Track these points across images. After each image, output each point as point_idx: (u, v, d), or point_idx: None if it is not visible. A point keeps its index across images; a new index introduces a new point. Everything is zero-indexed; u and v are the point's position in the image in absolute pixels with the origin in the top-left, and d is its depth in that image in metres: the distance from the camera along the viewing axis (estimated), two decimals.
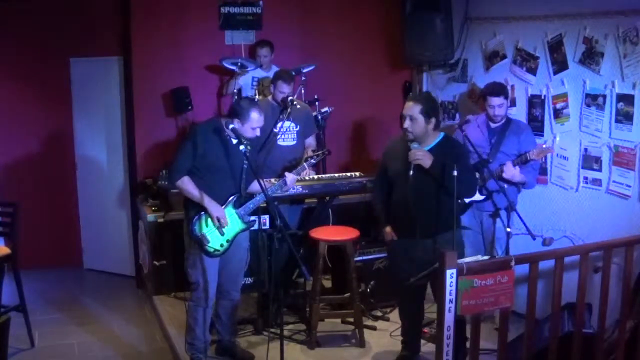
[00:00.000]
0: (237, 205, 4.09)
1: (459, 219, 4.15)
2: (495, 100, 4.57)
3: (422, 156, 3.74)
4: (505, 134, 4.59)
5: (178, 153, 4.05)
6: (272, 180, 4.36)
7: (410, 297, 4.11)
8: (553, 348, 3.39)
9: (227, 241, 4.05)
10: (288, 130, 4.95)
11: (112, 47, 6.04)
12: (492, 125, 4.66)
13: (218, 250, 4.03)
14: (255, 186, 4.10)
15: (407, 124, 3.82)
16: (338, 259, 4.78)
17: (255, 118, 3.98)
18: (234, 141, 4.04)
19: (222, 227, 4.00)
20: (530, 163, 4.49)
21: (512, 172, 4.42)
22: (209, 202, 3.97)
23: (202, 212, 3.99)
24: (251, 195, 4.16)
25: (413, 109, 3.82)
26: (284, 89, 4.92)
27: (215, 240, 4.02)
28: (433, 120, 3.85)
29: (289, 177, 4.27)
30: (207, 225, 4.00)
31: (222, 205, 4.01)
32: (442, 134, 3.95)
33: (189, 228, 4.01)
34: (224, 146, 4.02)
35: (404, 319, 4.27)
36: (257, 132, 4.05)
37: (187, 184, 3.99)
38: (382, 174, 4.12)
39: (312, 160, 4.49)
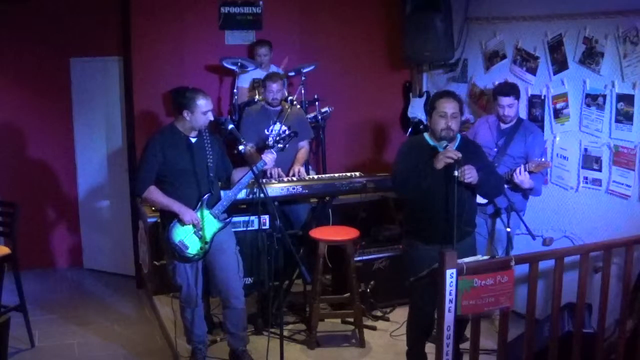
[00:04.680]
0: (210, 205, 4.03)
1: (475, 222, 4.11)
2: (505, 100, 4.52)
3: (475, 175, 3.57)
4: (513, 137, 4.55)
5: (140, 165, 4.01)
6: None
7: (424, 302, 3.78)
8: (553, 348, 3.39)
9: (206, 243, 4.01)
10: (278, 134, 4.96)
11: (112, 47, 6.04)
12: (503, 126, 4.64)
13: (198, 254, 4.00)
14: (238, 176, 4.11)
15: (455, 124, 3.65)
16: (338, 259, 4.78)
17: (203, 103, 3.91)
18: (194, 140, 4.01)
19: (199, 230, 3.96)
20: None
21: (523, 176, 4.37)
22: (179, 208, 3.92)
23: (176, 219, 3.95)
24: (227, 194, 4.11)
25: (457, 107, 3.67)
26: (273, 87, 4.96)
27: (194, 244, 3.99)
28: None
29: (268, 156, 4.14)
30: (183, 231, 3.96)
31: (194, 209, 3.97)
32: (458, 134, 3.81)
33: (166, 237, 3.97)
34: (186, 148, 3.97)
35: (413, 329, 3.94)
36: (210, 116, 3.96)
37: (154, 194, 3.94)
38: (408, 162, 3.77)
39: (279, 145, 4.32)
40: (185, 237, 3.97)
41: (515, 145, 4.54)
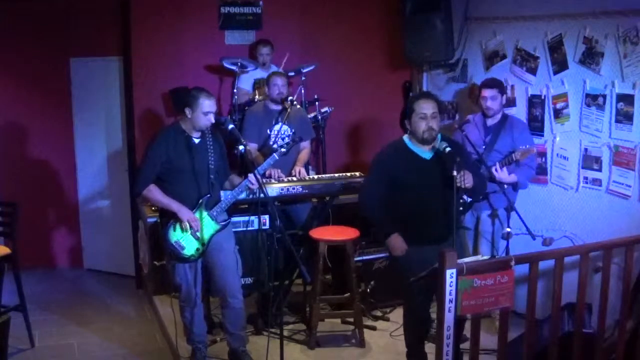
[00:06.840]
0: (208, 207, 4.02)
1: (460, 219, 4.15)
2: (488, 92, 4.55)
3: (471, 181, 3.60)
4: (499, 133, 4.58)
5: (142, 163, 4.01)
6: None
7: (418, 303, 3.85)
8: (553, 348, 3.39)
9: (203, 244, 4.01)
10: (281, 133, 4.97)
11: (112, 47, 6.04)
12: (488, 123, 4.65)
13: (194, 255, 4.00)
14: (235, 181, 4.13)
15: (435, 124, 3.67)
16: (338, 259, 4.77)
17: (206, 103, 3.89)
18: (197, 141, 4.00)
19: (196, 231, 3.96)
20: (524, 161, 4.47)
21: (501, 173, 4.41)
22: (178, 207, 3.92)
23: (172, 220, 3.95)
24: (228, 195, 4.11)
25: (435, 107, 3.70)
26: (278, 81, 4.98)
27: (190, 245, 3.98)
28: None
29: (252, 178, 4.06)
30: (181, 231, 3.96)
31: (193, 209, 3.97)
32: (439, 135, 3.82)
33: (163, 237, 3.98)
34: (188, 148, 3.96)
35: (410, 330, 4.00)
36: (211, 118, 3.93)
37: (153, 192, 3.94)
38: (381, 183, 3.82)
39: (283, 150, 4.35)
40: (182, 237, 3.97)
41: (502, 141, 4.56)
